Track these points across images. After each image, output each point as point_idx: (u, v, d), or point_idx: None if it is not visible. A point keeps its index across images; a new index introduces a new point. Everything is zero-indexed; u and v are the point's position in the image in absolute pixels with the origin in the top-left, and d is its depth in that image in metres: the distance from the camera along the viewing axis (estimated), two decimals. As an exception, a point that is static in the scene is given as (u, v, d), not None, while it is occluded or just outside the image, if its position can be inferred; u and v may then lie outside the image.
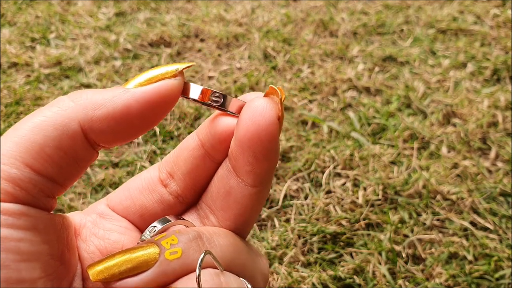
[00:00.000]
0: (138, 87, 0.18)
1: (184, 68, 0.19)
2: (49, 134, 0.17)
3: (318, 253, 0.68)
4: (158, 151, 0.85)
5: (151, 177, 0.23)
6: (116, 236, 0.21)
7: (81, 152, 0.18)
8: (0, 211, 0.16)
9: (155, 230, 0.20)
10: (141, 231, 0.23)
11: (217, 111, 0.21)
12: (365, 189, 0.76)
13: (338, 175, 0.80)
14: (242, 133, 0.19)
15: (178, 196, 0.22)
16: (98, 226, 0.22)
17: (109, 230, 0.22)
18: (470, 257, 0.65)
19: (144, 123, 0.19)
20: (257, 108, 0.19)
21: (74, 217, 0.22)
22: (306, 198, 0.76)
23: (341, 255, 0.67)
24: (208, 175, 0.22)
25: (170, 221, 0.21)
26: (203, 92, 0.20)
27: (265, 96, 0.20)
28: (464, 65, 1.08)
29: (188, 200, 0.23)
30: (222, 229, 0.20)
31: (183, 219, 0.21)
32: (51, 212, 0.19)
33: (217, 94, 0.20)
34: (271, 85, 0.20)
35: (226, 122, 0.21)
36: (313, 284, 0.63)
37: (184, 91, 0.20)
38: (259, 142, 0.19)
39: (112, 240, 0.21)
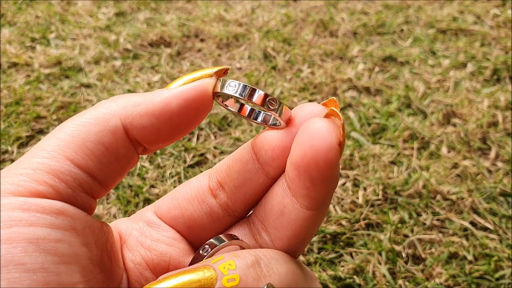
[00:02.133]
0: (176, 88, 0.19)
1: (219, 70, 0.20)
2: (91, 129, 0.17)
3: (318, 253, 0.68)
4: (158, 151, 0.85)
5: (201, 186, 0.22)
6: (163, 248, 0.21)
7: (122, 149, 0.18)
8: (38, 210, 0.16)
9: (208, 251, 0.19)
10: (189, 242, 0.22)
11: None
12: (365, 189, 0.76)
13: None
14: (298, 157, 0.17)
15: (228, 208, 0.22)
16: (145, 235, 0.21)
17: (156, 240, 0.21)
18: (470, 257, 0.65)
19: (183, 122, 0.19)
20: (316, 131, 0.17)
21: (120, 224, 0.22)
22: (306, 198, 0.76)
23: (341, 255, 0.67)
24: (261, 190, 0.21)
25: (225, 241, 0.20)
26: (258, 97, 0.19)
27: (325, 116, 0.18)
28: (464, 65, 1.08)
29: (238, 213, 0.22)
30: (280, 253, 0.19)
31: (237, 238, 0.20)
32: (91, 215, 0.18)
33: (271, 99, 0.19)
34: (332, 108, 0.18)
35: (277, 138, 0.20)
36: (313, 284, 0.63)
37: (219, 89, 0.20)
38: (317, 168, 0.17)
39: (159, 251, 0.21)
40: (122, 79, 1.05)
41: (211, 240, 0.20)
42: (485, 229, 0.70)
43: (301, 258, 0.66)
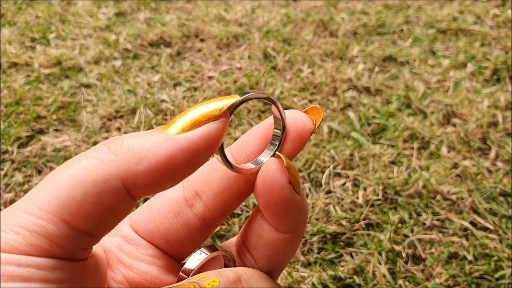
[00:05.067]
0: (181, 134, 0.17)
1: (228, 107, 0.18)
2: (89, 190, 0.16)
3: (318, 253, 0.68)
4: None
5: (175, 197, 0.22)
6: (143, 267, 0.21)
7: (122, 205, 0.17)
8: (33, 265, 0.15)
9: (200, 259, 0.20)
10: (170, 255, 0.22)
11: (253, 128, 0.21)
12: (365, 189, 0.76)
13: (338, 175, 0.80)
14: (258, 196, 0.19)
15: (205, 218, 0.22)
16: (124, 251, 0.21)
17: (136, 258, 0.21)
18: (470, 257, 0.65)
19: (187, 170, 0.18)
20: (267, 174, 0.19)
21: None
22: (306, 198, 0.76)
23: (341, 255, 0.67)
24: (240, 196, 0.22)
25: (207, 254, 0.21)
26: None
27: (305, 112, 0.21)
28: (464, 65, 1.08)
29: (215, 222, 0.22)
30: (259, 273, 0.20)
31: (220, 248, 0.21)
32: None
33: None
34: (316, 105, 0.21)
35: (260, 141, 0.21)
36: (313, 284, 0.63)
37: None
38: (276, 205, 0.19)
39: (140, 270, 0.21)
40: (122, 79, 1.05)
41: (197, 252, 0.20)
42: (485, 229, 0.70)
43: (301, 258, 0.66)
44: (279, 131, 0.20)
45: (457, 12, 1.30)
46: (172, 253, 0.22)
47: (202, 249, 0.21)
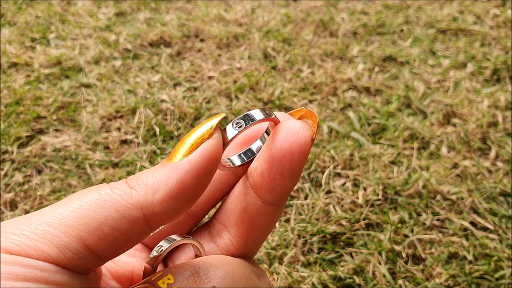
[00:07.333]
0: (183, 159, 0.19)
1: (217, 124, 0.20)
2: (110, 215, 0.18)
3: (318, 253, 0.68)
4: (158, 151, 0.85)
5: None
6: (125, 258, 0.22)
7: (137, 234, 0.18)
8: (36, 267, 0.16)
9: (161, 250, 0.21)
10: (150, 248, 0.23)
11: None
12: (365, 189, 0.76)
13: (338, 175, 0.80)
14: (275, 150, 0.20)
15: (189, 211, 0.22)
16: None
17: None
18: (470, 257, 0.65)
19: (198, 190, 0.19)
20: (293, 128, 0.20)
21: None
22: (306, 198, 0.76)
23: (341, 255, 0.67)
24: (226, 189, 0.22)
25: (176, 240, 0.21)
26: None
27: (300, 118, 0.21)
28: (464, 65, 1.08)
29: (198, 214, 0.23)
30: (220, 258, 0.21)
31: (188, 237, 0.21)
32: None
33: (237, 121, 0.20)
34: (309, 108, 0.21)
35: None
36: (313, 284, 0.63)
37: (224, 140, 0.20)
38: (291, 160, 0.20)
39: (122, 262, 0.22)
40: (122, 79, 1.05)
41: (163, 240, 0.21)
42: (485, 229, 0.70)
43: (301, 258, 0.66)
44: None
45: (457, 12, 1.30)
46: (154, 245, 0.23)
47: (172, 236, 0.21)
